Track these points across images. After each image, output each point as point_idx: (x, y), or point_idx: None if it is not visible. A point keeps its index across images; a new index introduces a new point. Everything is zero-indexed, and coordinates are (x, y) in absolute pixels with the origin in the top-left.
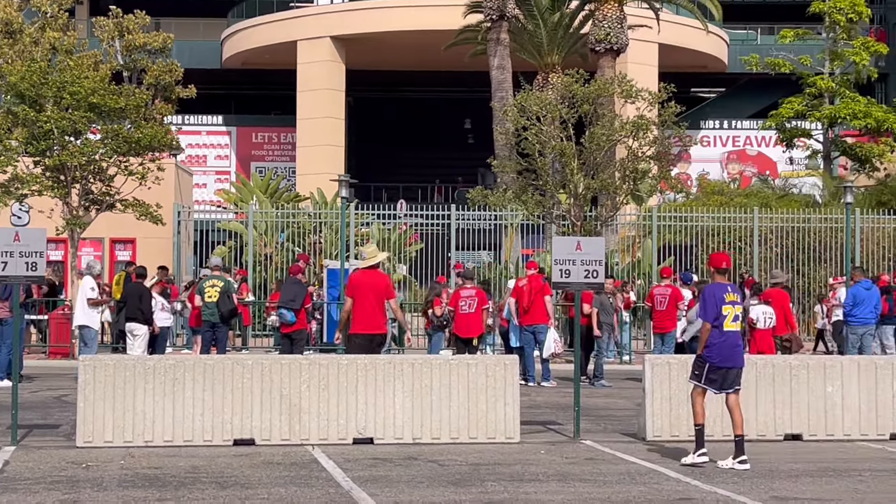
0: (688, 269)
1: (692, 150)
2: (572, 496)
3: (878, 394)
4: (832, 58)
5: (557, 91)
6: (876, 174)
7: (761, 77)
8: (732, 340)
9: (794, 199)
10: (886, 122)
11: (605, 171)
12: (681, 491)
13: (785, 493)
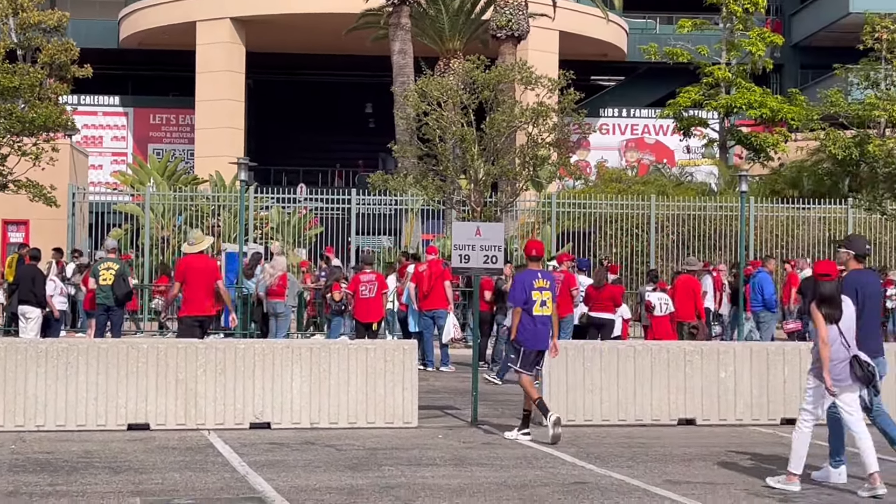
0: (585, 256)
1: (591, 137)
2: (469, 480)
3: (770, 379)
4: (729, 48)
5: (458, 77)
6: (770, 163)
7: (660, 66)
8: (541, 324)
9: (691, 188)
10: (781, 112)
11: (505, 158)
12: (576, 475)
13: (678, 476)
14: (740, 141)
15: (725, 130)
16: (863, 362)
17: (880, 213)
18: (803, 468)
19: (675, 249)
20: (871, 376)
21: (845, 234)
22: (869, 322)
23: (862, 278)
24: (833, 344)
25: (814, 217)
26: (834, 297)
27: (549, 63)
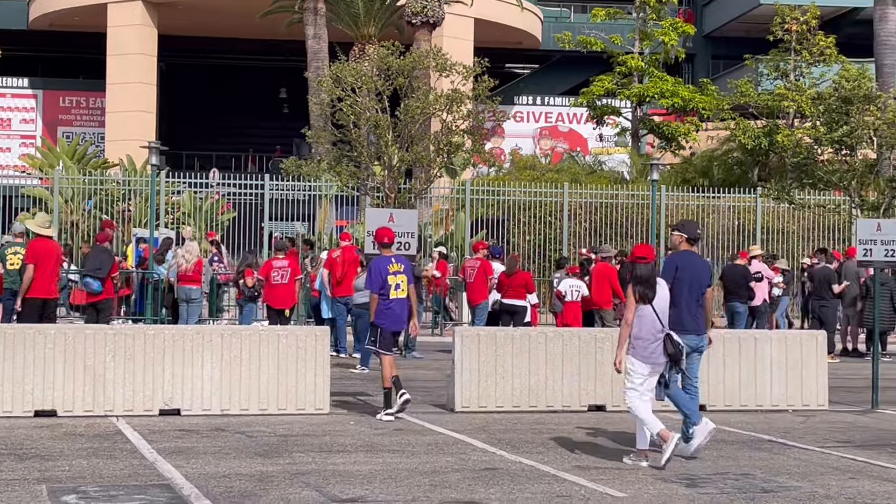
0: (498, 244)
1: (506, 125)
2: (380, 467)
3: None
4: (642, 37)
5: (373, 63)
6: (681, 152)
7: (574, 55)
8: (397, 307)
9: (603, 176)
10: (692, 101)
11: (420, 144)
12: (487, 461)
13: (588, 462)
14: (652, 130)
15: (638, 119)
16: (674, 340)
17: (788, 203)
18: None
19: (587, 237)
20: (680, 354)
21: (754, 222)
22: (690, 301)
23: (687, 260)
24: (647, 323)
25: (723, 206)
26: (649, 278)
27: (464, 50)
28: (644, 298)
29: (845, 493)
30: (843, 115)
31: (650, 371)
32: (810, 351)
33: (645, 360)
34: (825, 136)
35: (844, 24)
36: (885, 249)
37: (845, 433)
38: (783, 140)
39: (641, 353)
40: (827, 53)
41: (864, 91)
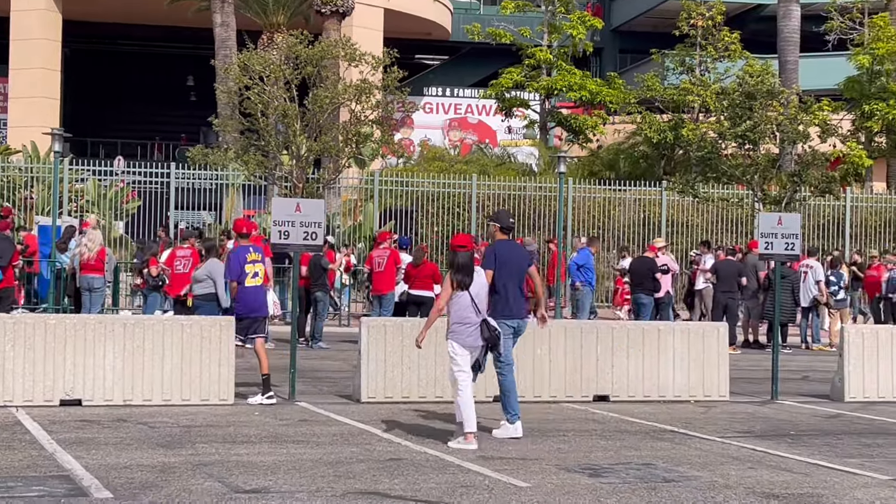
0: (406, 234)
1: (415, 115)
2: (284, 457)
3: (583, 356)
4: (550, 30)
5: (282, 52)
6: (589, 145)
7: (483, 46)
8: (254, 294)
9: (512, 168)
10: (600, 94)
11: (328, 134)
12: (392, 451)
13: (492, 452)
14: (560, 123)
15: (546, 112)
16: (490, 326)
17: (692, 196)
18: (477, 426)
19: None
20: (497, 339)
21: (659, 215)
22: (510, 287)
23: (505, 248)
24: (465, 309)
25: (629, 198)
26: (467, 265)
27: (374, 40)
28: (461, 285)
29: (744, 482)
30: (746, 111)
31: (469, 355)
32: (712, 343)
33: (464, 345)
34: (729, 130)
35: (749, 21)
36: (786, 243)
37: (745, 423)
38: (688, 134)
39: (461, 338)
40: (731, 49)
41: (768, 87)
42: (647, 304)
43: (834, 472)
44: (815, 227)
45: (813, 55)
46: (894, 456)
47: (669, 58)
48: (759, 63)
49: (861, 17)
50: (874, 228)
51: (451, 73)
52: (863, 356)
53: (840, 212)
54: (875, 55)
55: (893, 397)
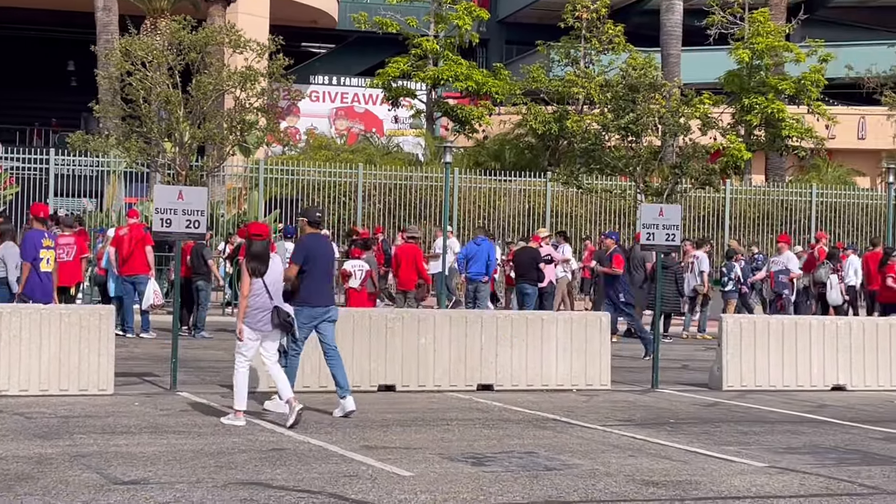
0: (292, 224)
1: (301, 104)
2: (164, 448)
3: (468, 346)
4: (437, 20)
5: (165, 37)
6: (475, 136)
7: (370, 35)
8: (46, 279)
9: (398, 157)
10: (486, 85)
11: (212, 121)
12: (275, 441)
13: (376, 442)
14: (447, 113)
15: (432, 102)
16: (282, 312)
17: (577, 187)
18: (246, 404)
19: (381, 218)
20: (290, 325)
21: (544, 206)
22: (320, 277)
23: (313, 241)
24: (259, 296)
25: (515, 189)
26: (262, 254)
27: (259, 27)
28: (256, 272)
29: (624, 470)
30: (629, 103)
31: (258, 338)
32: (594, 332)
33: (253, 328)
34: (612, 122)
35: (633, 14)
36: (667, 234)
37: (626, 412)
38: (572, 126)
39: (251, 322)
40: (615, 42)
41: (650, 80)
42: (531, 293)
43: (711, 460)
44: (696, 219)
45: (695, 49)
46: (770, 443)
47: (555, 50)
48: (643, 56)
49: (742, 12)
50: (753, 220)
51: (338, 61)
52: (740, 346)
53: (720, 203)
54: (755, 50)
55: (770, 386)
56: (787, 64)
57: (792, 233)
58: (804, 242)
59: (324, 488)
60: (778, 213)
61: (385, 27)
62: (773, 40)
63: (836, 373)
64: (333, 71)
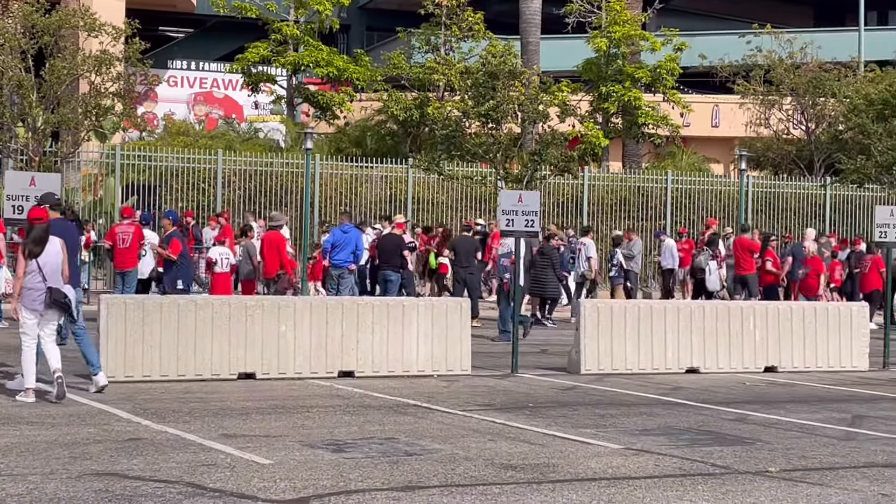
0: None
1: (159, 89)
2: (17, 439)
3: (329, 333)
4: (297, 6)
5: (17, 20)
6: (336, 122)
7: (229, 20)
8: None
9: (259, 143)
10: (347, 71)
11: (67, 106)
12: (131, 431)
13: (235, 430)
14: (307, 99)
15: (293, 88)
16: (56, 292)
17: (438, 174)
18: (35, 381)
19: (241, 204)
20: (65, 305)
21: (406, 192)
22: (71, 260)
23: (59, 225)
24: (33, 276)
25: (376, 175)
26: (39, 237)
27: (116, 11)
28: (32, 254)
29: (484, 454)
30: (489, 90)
31: (36, 317)
32: (455, 318)
33: (29, 309)
34: (472, 109)
35: (492, 2)
36: (526, 220)
37: (486, 397)
38: (433, 112)
39: (27, 302)
40: (475, 29)
41: (509, 67)
42: (395, 280)
43: (569, 443)
44: (555, 205)
45: (553, 37)
46: (626, 426)
47: (415, 36)
48: (502, 44)
49: (599, 1)
50: (610, 206)
51: (197, 46)
52: (598, 330)
53: (578, 190)
54: (612, 38)
55: (626, 369)
56: (643, 53)
57: (648, 219)
58: (663, 228)
59: (181, 478)
60: (635, 200)
61: (244, 12)
62: (629, 29)
63: (690, 356)
64: (192, 56)
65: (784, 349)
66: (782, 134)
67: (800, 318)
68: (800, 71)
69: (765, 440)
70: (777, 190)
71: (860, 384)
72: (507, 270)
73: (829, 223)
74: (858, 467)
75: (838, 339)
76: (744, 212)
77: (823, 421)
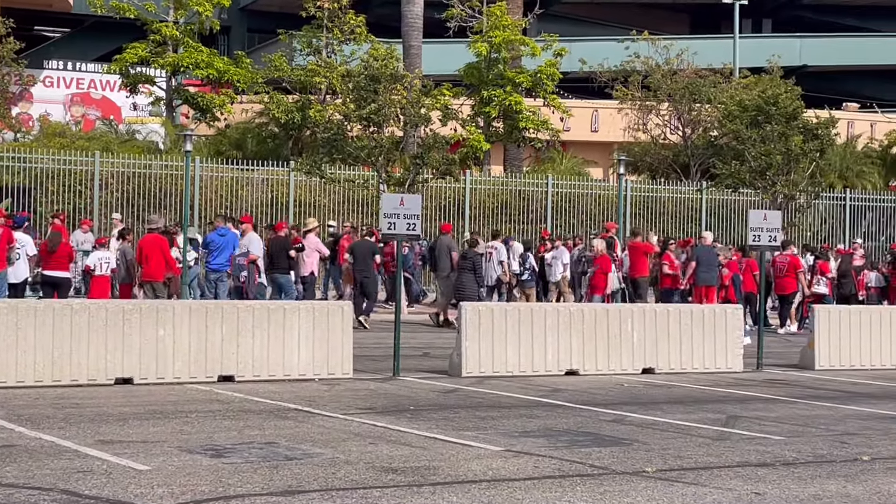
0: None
1: (34, 89)
2: None
3: (208, 337)
4: (177, 6)
5: None
6: (216, 124)
7: (107, 20)
8: None
9: (137, 145)
10: (227, 73)
11: None
12: (4, 438)
13: (112, 436)
14: (187, 100)
15: (172, 89)
16: None
17: (319, 177)
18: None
19: (119, 207)
20: None
21: (287, 195)
22: None
23: None
24: None
25: (257, 178)
26: None
27: None
28: None
29: (365, 457)
30: (371, 93)
31: None
32: (336, 321)
33: None
34: (354, 112)
35: (374, 5)
36: (408, 223)
37: (367, 400)
38: (315, 115)
39: None
40: (357, 32)
41: (392, 70)
42: (285, 282)
43: (450, 445)
44: (437, 209)
45: (435, 41)
46: (506, 428)
47: (297, 39)
48: (385, 47)
49: (480, 6)
50: (492, 210)
51: (74, 46)
52: (479, 332)
53: (460, 193)
54: (493, 43)
55: (507, 372)
56: (523, 57)
57: (529, 222)
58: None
59: (56, 485)
60: (516, 203)
61: (122, 12)
62: (509, 34)
63: (570, 358)
64: (69, 56)
65: (661, 351)
66: (659, 139)
67: (676, 321)
68: (676, 77)
69: (642, 441)
70: (655, 194)
71: (734, 385)
72: (244, 269)
73: (706, 227)
74: (732, 466)
75: (713, 340)
76: (622, 215)
77: (699, 421)
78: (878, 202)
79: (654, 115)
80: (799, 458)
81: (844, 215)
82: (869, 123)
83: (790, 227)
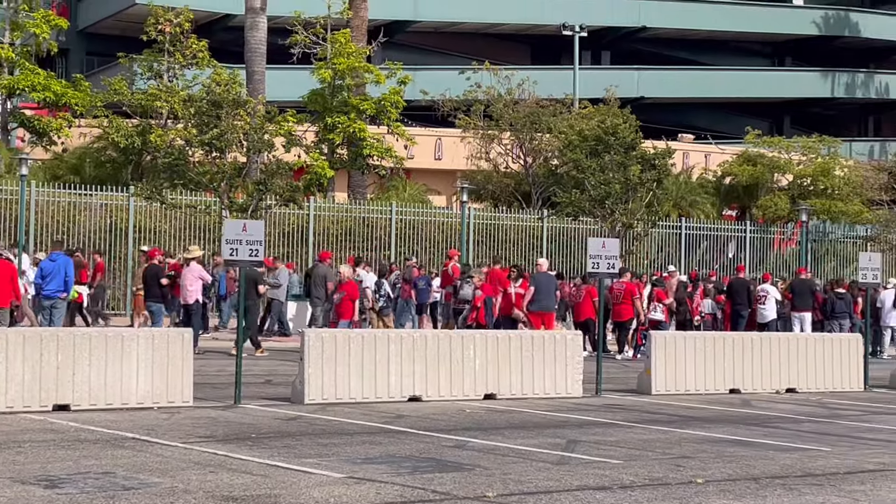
0: None
1: None
2: None
3: (43, 365)
4: (13, 28)
5: None
6: (53, 148)
7: None
8: None
9: None
10: (65, 96)
11: None
12: None
13: None
14: (23, 124)
15: (8, 112)
16: None
17: (160, 202)
18: None
19: None
20: None
21: (127, 221)
22: None
23: None
24: None
25: (96, 203)
26: None
27: None
28: None
29: (204, 486)
30: (213, 119)
31: None
32: (177, 349)
33: None
34: (196, 137)
35: (217, 30)
36: (250, 249)
37: (208, 428)
38: (156, 140)
39: None
40: (200, 57)
41: (234, 96)
42: (157, 311)
43: (292, 473)
44: (281, 235)
45: (279, 67)
46: (348, 454)
47: (138, 62)
48: (228, 72)
49: (324, 33)
50: (336, 236)
51: None
52: (322, 359)
53: (304, 220)
54: (336, 70)
55: (350, 399)
56: (368, 85)
57: (373, 249)
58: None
59: None
60: (360, 230)
61: None
62: (354, 61)
63: (413, 384)
64: None
65: (503, 377)
66: (502, 167)
67: (517, 347)
68: (518, 106)
69: (484, 466)
70: (497, 222)
71: (574, 410)
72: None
73: (546, 254)
74: (572, 490)
75: (553, 366)
76: (465, 242)
77: (539, 446)
78: (712, 231)
79: (496, 144)
80: (636, 481)
81: (680, 243)
82: (703, 154)
83: (628, 255)
